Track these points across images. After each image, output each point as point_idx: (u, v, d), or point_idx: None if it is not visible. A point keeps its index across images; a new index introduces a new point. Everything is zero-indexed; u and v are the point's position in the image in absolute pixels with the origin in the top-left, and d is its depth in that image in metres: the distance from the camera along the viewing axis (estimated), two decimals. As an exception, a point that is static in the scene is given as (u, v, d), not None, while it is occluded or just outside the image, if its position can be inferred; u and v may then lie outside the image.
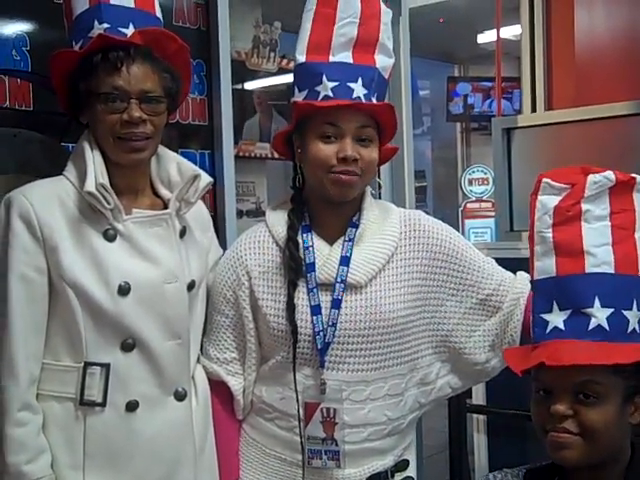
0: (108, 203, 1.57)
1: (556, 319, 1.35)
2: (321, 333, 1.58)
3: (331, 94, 1.59)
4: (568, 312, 1.35)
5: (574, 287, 1.36)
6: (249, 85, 2.89)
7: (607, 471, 1.35)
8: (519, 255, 2.67)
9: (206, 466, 1.69)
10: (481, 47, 7.49)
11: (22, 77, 1.91)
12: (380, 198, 3.15)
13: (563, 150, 2.89)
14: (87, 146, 1.62)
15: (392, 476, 1.67)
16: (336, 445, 1.60)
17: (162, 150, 1.73)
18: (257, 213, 2.79)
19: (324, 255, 1.63)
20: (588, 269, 1.35)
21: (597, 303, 1.33)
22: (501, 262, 1.78)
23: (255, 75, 2.87)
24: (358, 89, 1.60)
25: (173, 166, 1.71)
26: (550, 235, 1.39)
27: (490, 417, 2.84)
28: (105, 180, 1.57)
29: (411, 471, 1.73)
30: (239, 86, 2.80)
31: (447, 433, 2.75)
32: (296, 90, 1.66)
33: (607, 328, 1.32)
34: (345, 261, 1.61)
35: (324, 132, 1.59)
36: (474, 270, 1.69)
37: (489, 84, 7.66)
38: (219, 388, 1.70)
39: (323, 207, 1.66)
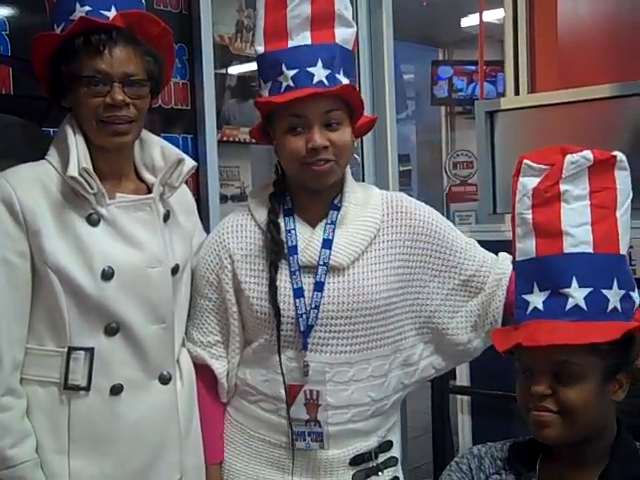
0: (91, 188, 1.56)
1: (536, 299, 1.37)
2: (304, 316, 1.59)
3: (292, 84, 1.57)
4: (547, 293, 1.36)
5: (552, 267, 1.37)
6: (232, 70, 2.88)
7: (592, 446, 1.37)
8: (502, 237, 2.68)
9: (191, 449, 1.70)
10: (465, 30, 7.48)
11: (1, 61, 1.89)
12: (364, 180, 3.16)
13: (546, 133, 2.89)
14: (70, 130, 1.60)
15: (376, 457, 1.68)
16: (319, 427, 1.61)
17: (146, 134, 1.72)
18: (241, 198, 2.78)
19: (306, 238, 1.63)
20: (566, 249, 1.36)
21: (575, 283, 1.34)
22: (484, 244, 1.79)
23: (239, 59, 2.86)
24: (319, 72, 1.57)
25: (157, 150, 1.71)
26: (530, 217, 1.40)
27: (474, 398, 2.86)
28: (88, 164, 1.56)
29: (395, 452, 1.74)
30: (223, 70, 2.79)
31: (431, 414, 2.77)
32: (261, 82, 1.66)
33: (585, 308, 1.33)
34: (327, 244, 1.61)
35: (290, 124, 1.58)
36: (456, 251, 1.70)
37: (472, 68, 7.66)
38: (203, 371, 1.71)
39: (304, 192, 1.66)
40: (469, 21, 7.20)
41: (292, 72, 1.58)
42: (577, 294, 1.33)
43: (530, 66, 3.36)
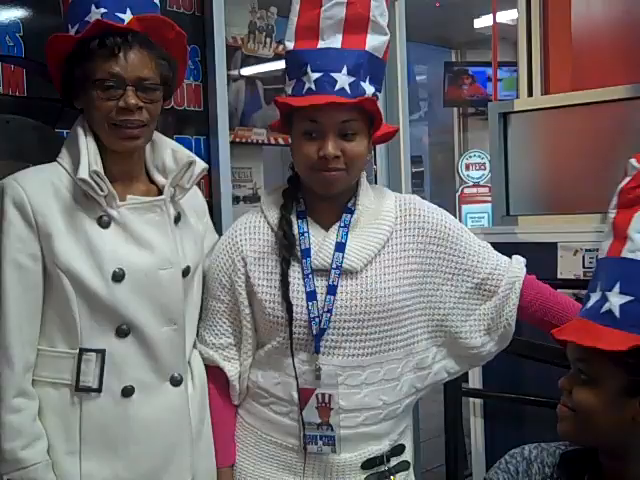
0: (101, 190, 1.56)
1: (593, 298, 1.36)
2: (316, 319, 1.58)
3: (314, 87, 1.56)
4: (600, 293, 1.34)
5: (607, 269, 1.36)
6: (245, 71, 2.88)
7: (632, 470, 1.33)
8: (515, 240, 2.68)
9: (203, 452, 1.69)
10: (478, 32, 7.46)
11: (16, 63, 1.90)
12: (376, 181, 3.15)
13: (560, 134, 2.88)
14: (81, 132, 1.61)
15: (388, 461, 1.67)
16: (331, 430, 1.60)
17: (157, 136, 1.72)
18: (254, 199, 2.78)
19: (319, 241, 1.62)
20: (623, 253, 1.34)
21: (617, 288, 1.31)
22: (497, 247, 1.78)
23: (251, 61, 2.86)
24: (342, 79, 1.56)
25: (168, 152, 1.71)
26: (612, 216, 1.39)
27: (486, 401, 2.85)
28: (99, 167, 1.57)
29: (407, 456, 1.73)
30: (235, 72, 2.79)
31: (443, 417, 2.76)
32: (287, 78, 1.64)
33: (617, 315, 1.30)
34: (340, 247, 1.61)
35: (306, 129, 1.58)
36: (469, 254, 1.69)
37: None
38: (215, 373, 1.71)
39: (316, 194, 1.65)
40: (482, 22, 7.17)
41: (316, 75, 1.57)
42: (615, 299, 1.31)
43: (544, 67, 3.34)
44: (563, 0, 3.29)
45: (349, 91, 1.56)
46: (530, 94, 3.34)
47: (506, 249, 1.78)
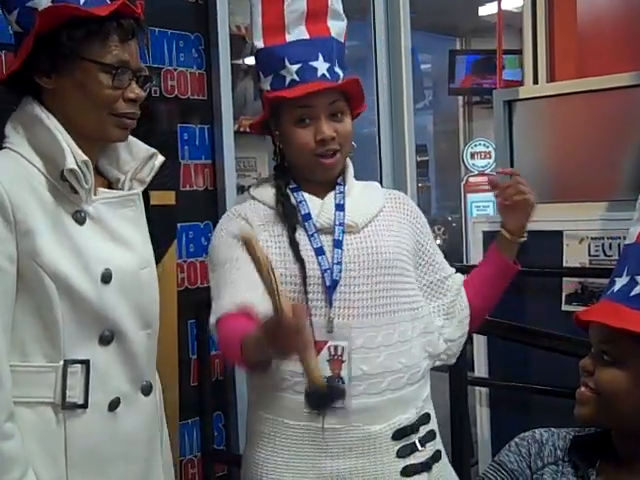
0: (86, 182, 1.42)
1: (618, 282, 1.36)
2: (328, 271, 1.60)
3: (297, 77, 1.63)
4: (628, 278, 1.35)
5: (637, 254, 1.37)
6: (248, 60, 2.87)
7: None
8: (521, 228, 2.67)
9: (167, 458, 1.65)
10: (483, 19, 7.42)
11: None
12: (381, 170, 3.15)
13: (565, 122, 2.87)
14: (46, 118, 1.43)
15: (417, 430, 1.66)
16: (342, 383, 1.58)
17: None
18: (258, 189, 2.77)
19: (318, 205, 1.67)
20: None
21: None
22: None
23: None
24: (321, 66, 1.63)
25: (122, 145, 1.57)
26: None
27: (492, 390, 2.85)
28: (85, 156, 1.43)
29: (433, 425, 1.72)
30: (239, 61, 2.78)
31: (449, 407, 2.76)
32: (261, 75, 1.69)
33: None
34: (340, 208, 1.66)
35: (299, 116, 1.63)
36: (438, 253, 1.80)
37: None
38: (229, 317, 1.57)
39: (307, 178, 1.70)
40: (487, 10, 7.13)
41: (295, 66, 1.63)
42: None
43: (549, 55, 3.33)
44: (568, -14, 3.28)
45: (329, 76, 1.64)
46: (535, 81, 3.32)
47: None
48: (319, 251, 1.62)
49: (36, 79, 1.44)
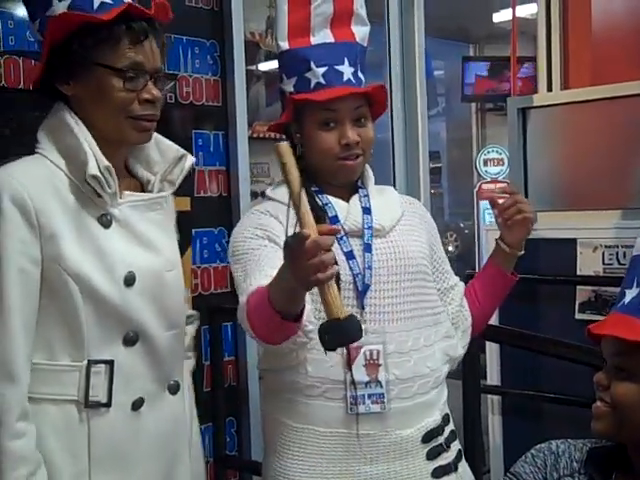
0: (109, 187, 1.45)
1: (629, 294, 1.35)
2: (359, 275, 1.60)
3: (323, 81, 1.61)
4: (638, 289, 1.34)
5: None
6: (263, 66, 2.88)
7: None
8: (534, 236, 2.65)
9: (196, 455, 1.66)
10: (497, 26, 7.41)
11: (36, 59, 1.90)
12: (394, 176, 3.15)
13: (579, 129, 2.86)
14: (73, 122, 1.46)
15: (443, 431, 1.67)
16: (380, 387, 1.58)
17: None
18: (272, 195, 2.78)
19: (344, 208, 1.66)
20: None
21: None
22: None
23: (269, 56, 2.86)
24: (346, 71, 1.63)
25: (152, 145, 1.59)
26: None
27: (504, 398, 2.84)
28: (107, 162, 1.45)
29: (453, 424, 1.73)
30: (253, 67, 2.79)
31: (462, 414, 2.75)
32: (284, 77, 1.67)
33: None
34: (367, 211, 1.66)
35: (324, 120, 1.62)
36: (446, 262, 1.81)
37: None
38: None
39: (328, 180, 1.68)
40: (501, 16, 7.11)
41: (322, 70, 1.62)
42: None
43: (563, 62, 3.32)
44: (583, -6, 3.27)
45: (354, 81, 1.64)
46: (550, 89, 3.31)
47: (525, 245, 1.78)
48: (349, 255, 1.61)
49: (57, 86, 1.48)
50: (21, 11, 1.90)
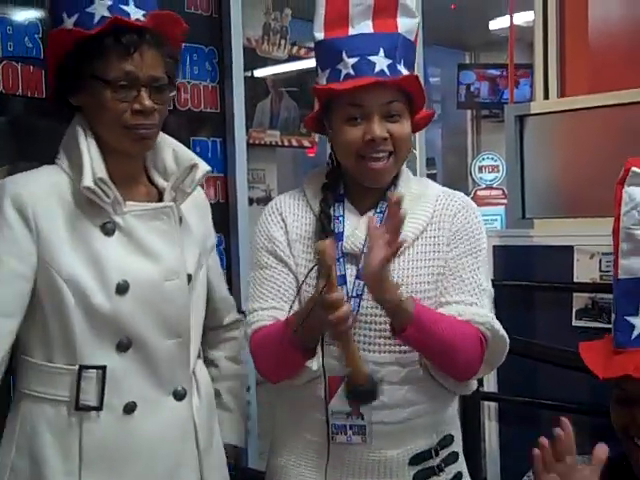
0: (107, 197, 1.49)
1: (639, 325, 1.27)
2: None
3: (352, 72, 1.53)
4: None
5: None
6: (259, 72, 2.88)
7: None
8: (531, 243, 2.66)
9: (214, 464, 1.65)
10: (493, 34, 7.43)
11: (34, 64, 1.90)
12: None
13: (577, 137, 2.86)
14: (81, 133, 1.53)
15: (436, 454, 1.59)
16: (362, 419, 1.52)
17: (159, 135, 1.64)
18: (267, 201, 2.78)
19: (352, 225, 1.58)
20: None
21: None
22: (512, 250, 1.77)
23: (266, 62, 2.86)
24: (380, 61, 1.52)
25: (169, 153, 1.63)
26: (639, 232, 1.30)
27: (501, 405, 2.84)
28: (103, 172, 1.48)
29: (456, 446, 1.66)
30: (249, 73, 2.79)
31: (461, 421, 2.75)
32: (319, 70, 1.60)
33: None
34: None
35: (349, 114, 1.53)
36: (462, 275, 1.60)
37: (496, 72, 7.61)
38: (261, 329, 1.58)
39: (358, 182, 1.61)
40: (497, 24, 7.14)
41: (353, 60, 1.53)
42: None
43: (560, 69, 3.33)
44: (580, 1, 3.27)
45: (388, 73, 1.53)
46: (546, 97, 3.32)
47: (521, 252, 1.78)
48: (340, 280, 1.51)
49: (69, 98, 1.54)
50: (20, 17, 1.90)
